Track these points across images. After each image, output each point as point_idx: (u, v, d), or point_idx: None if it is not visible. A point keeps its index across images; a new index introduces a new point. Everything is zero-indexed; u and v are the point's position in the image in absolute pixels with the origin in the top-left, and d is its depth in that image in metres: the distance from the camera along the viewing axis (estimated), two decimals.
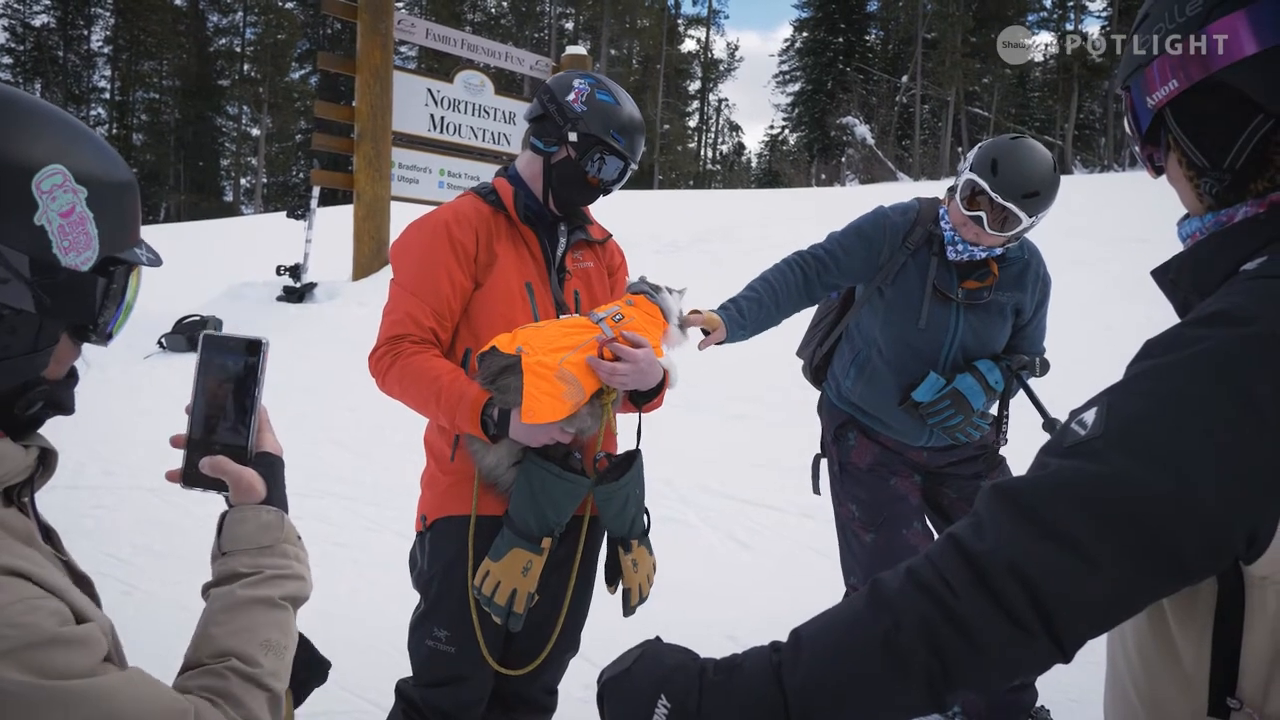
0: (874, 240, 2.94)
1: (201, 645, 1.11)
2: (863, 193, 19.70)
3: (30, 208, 0.97)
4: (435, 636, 2.29)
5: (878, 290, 2.94)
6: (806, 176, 37.71)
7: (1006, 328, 2.96)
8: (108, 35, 54.43)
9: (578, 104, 2.30)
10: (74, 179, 1.01)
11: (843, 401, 3.06)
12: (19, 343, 1.00)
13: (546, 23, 53.95)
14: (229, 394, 1.21)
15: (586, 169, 2.30)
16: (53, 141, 1.01)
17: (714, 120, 62.07)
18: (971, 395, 2.83)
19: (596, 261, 2.48)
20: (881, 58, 50.30)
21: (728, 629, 3.79)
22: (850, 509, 3.00)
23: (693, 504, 5.17)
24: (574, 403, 2.11)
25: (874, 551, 2.91)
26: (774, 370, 7.43)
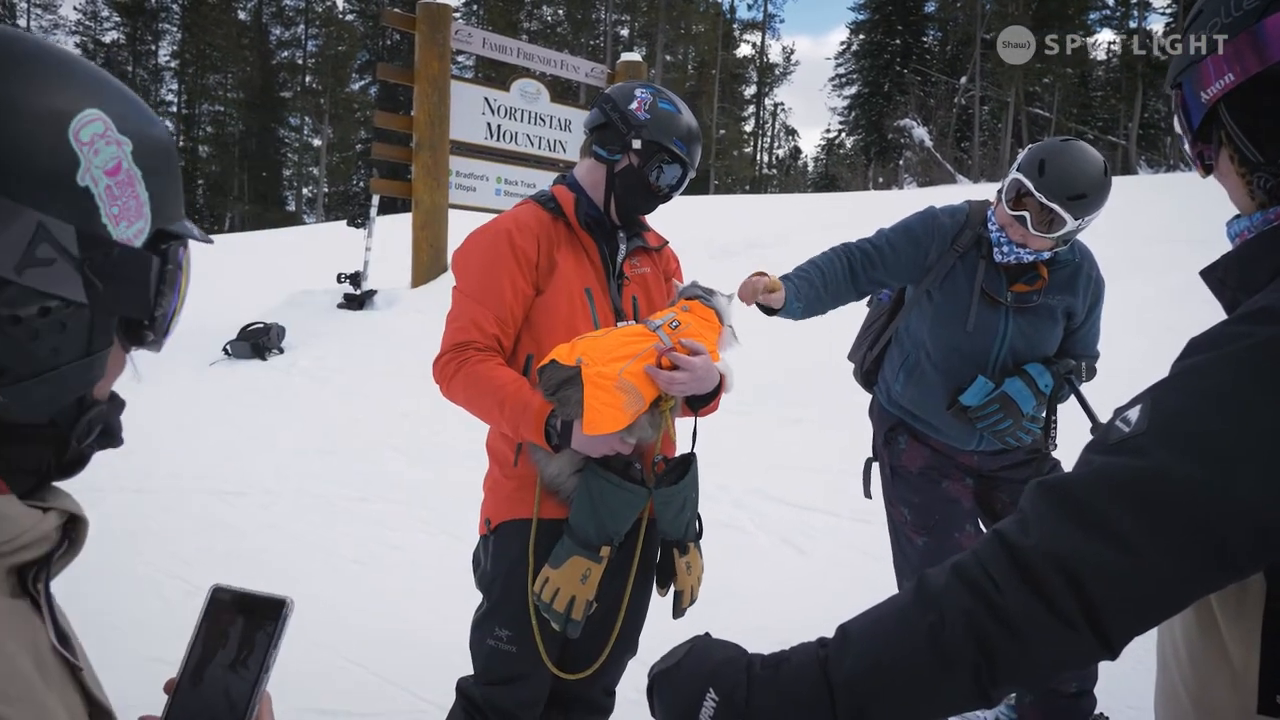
0: (922, 240, 2.93)
1: None
2: (921, 196, 19.51)
3: (72, 163, 0.76)
4: (497, 636, 2.33)
5: (926, 293, 2.92)
6: (863, 180, 37.43)
7: (1058, 331, 2.93)
8: (175, 50, 55.80)
9: (641, 112, 2.33)
10: (115, 128, 0.80)
11: (893, 405, 3.05)
12: (70, 345, 0.78)
13: (602, 30, 54.16)
14: (231, 659, 0.94)
15: (649, 176, 2.34)
16: (84, 85, 0.80)
17: (770, 125, 61.89)
18: (1020, 399, 2.80)
19: (653, 267, 2.52)
20: (939, 59, 49.74)
21: (782, 634, 3.77)
22: (902, 512, 2.99)
23: (747, 509, 5.17)
24: (634, 412, 2.14)
25: (926, 554, 2.89)
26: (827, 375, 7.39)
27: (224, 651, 0.93)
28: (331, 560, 4.74)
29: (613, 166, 2.37)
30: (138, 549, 4.62)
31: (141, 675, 3.44)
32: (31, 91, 0.75)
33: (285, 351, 9.17)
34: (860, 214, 14.80)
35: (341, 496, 5.66)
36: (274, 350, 9.11)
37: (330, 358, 8.86)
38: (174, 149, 0.90)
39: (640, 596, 2.46)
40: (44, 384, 0.78)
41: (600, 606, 2.28)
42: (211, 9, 54.39)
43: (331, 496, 5.65)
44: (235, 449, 6.53)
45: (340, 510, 5.46)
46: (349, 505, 5.53)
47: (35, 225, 0.73)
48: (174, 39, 55.87)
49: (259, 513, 5.44)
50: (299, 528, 5.18)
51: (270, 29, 57.44)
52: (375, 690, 3.43)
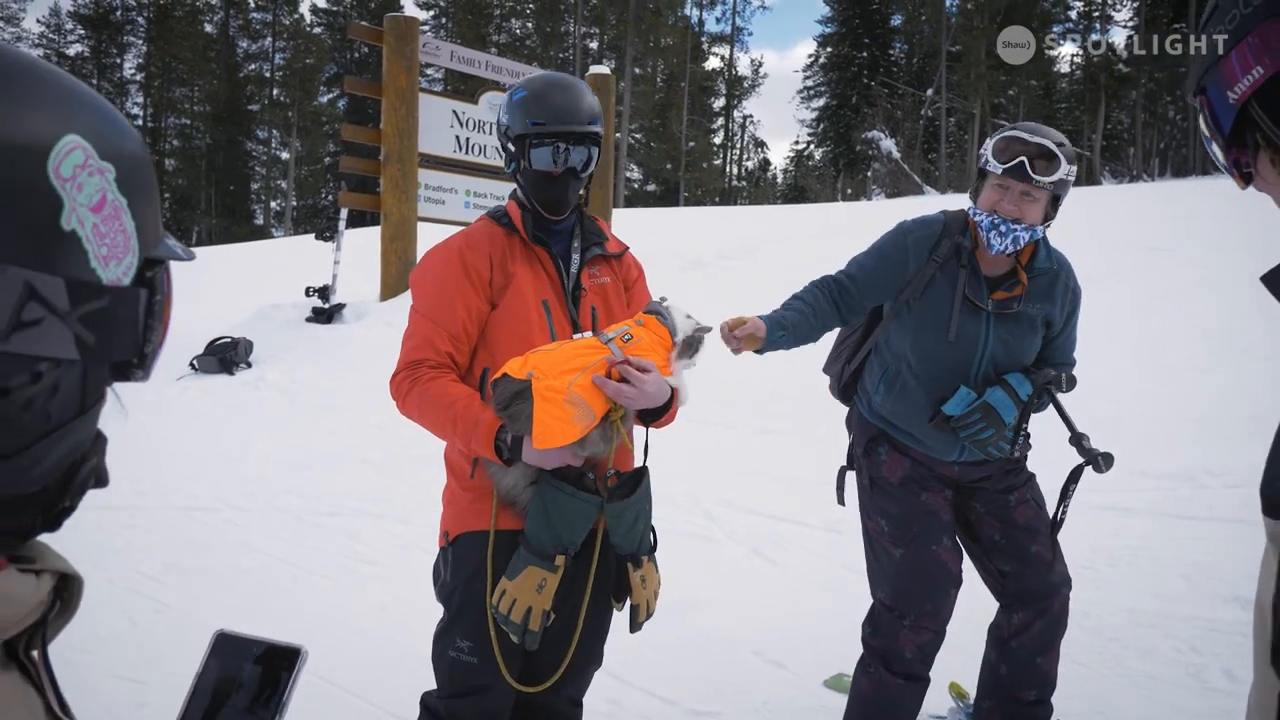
0: (895, 259, 2.92)
1: None
2: (889, 207, 19.66)
3: (55, 206, 0.66)
4: (458, 648, 2.33)
5: (905, 305, 2.91)
6: (832, 192, 37.67)
7: (1037, 340, 2.93)
8: (140, 63, 55.39)
9: (504, 117, 2.38)
10: (96, 154, 0.70)
11: (873, 416, 3.02)
12: (64, 407, 0.70)
13: (571, 43, 54.26)
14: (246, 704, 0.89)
15: (533, 165, 2.34)
16: (56, 102, 0.69)
17: (739, 137, 62.19)
18: (1003, 409, 2.81)
19: (613, 276, 2.51)
20: (906, 71, 50.22)
21: (753, 644, 3.80)
22: (879, 523, 2.96)
23: (718, 519, 5.18)
24: (584, 425, 2.14)
25: (903, 566, 2.88)
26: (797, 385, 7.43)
27: (238, 696, 0.88)
28: (303, 576, 4.70)
29: (518, 177, 2.41)
30: (104, 566, 4.56)
31: (108, 694, 3.41)
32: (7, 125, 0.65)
33: (253, 366, 9.10)
34: (829, 225, 14.90)
35: (312, 511, 5.61)
36: (242, 365, 9.04)
37: (299, 371, 8.80)
38: (149, 160, 0.78)
39: (600, 607, 2.46)
40: (38, 456, 0.70)
41: (559, 617, 2.29)
42: (177, 22, 54.05)
43: (301, 511, 5.61)
44: (203, 465, 6.47)
45: (310, 525, 5.42)
46: (320, 520, 5.49)
47: (22, 284, 0.64)
48: (139, 52, 55.45)
49: (228, 529, 5.39)
50: (269, 543, 5.14)
51: (237, 42, 57.10)
52: (350, 707, 3.41)
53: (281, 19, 57.08)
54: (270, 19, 57.10)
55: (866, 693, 2.93)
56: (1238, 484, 5.14)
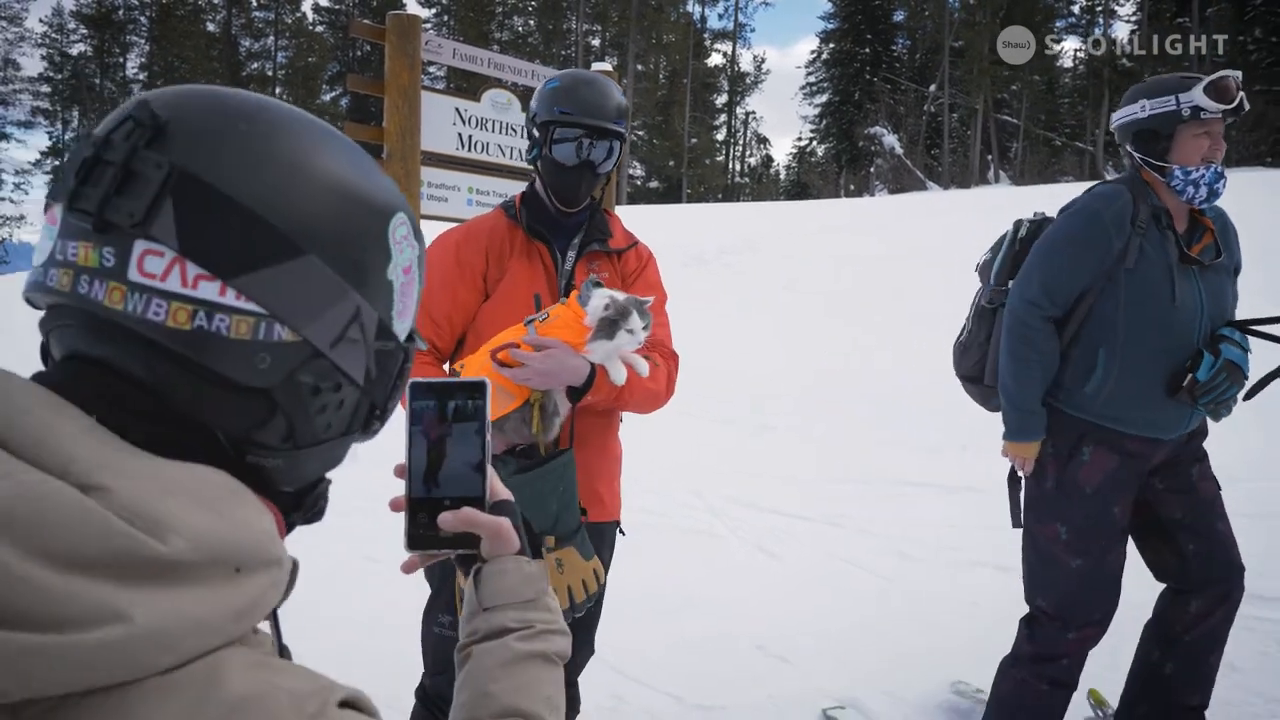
0: (1098, 242, 2.69)
1: (481, 704, 1.00)
2: (892, 203, 19.64)
3: (386, 257, 0.82)
4: (440, 623, 2.35)
5: (1109, 283, 2.70)
6: (835, 188, 37.66)
7: (1234, 287, 2.79)
8: (143, 62, 55.32)
9: (534, 104, 2.40)
10: (412, 231, 0.87)
11: (1082, 410, 2.75)
12: (339, 423, 0.84)
13: (573, 40, 54.21)
14: (452, 443, 1.10)
15: (555, 154, 2.35)
16: (392, 185, 0.86)
17: (742, 133, 62.13)
18: (1242, 364, 2.65)
19: (612, 272, 2.50)
20: (909, 67, 50.16)
21: (757, 639, 3.80)
22: (1056, 529, 2.75)
23: (721, 515, 5.19)
24: (501, 409, 2.13)
25: (1078, 578, 2.71)
26: (795, 384, 7.44)
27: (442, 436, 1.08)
28: (303, 575, 4.70)
29: (537, 165, 2.42)
30: None
31: None
32: (372, 186, 0.82)
33: None
34: (831, 222, 14.89)
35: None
36: None
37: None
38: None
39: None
40: (312, 456, 0.83)
41: None
42: (180, 21, 54.03)
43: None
44: None
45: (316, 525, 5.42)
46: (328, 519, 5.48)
47: (355, 308, 0.79)
48: (142, 51, 55.40)
49: None
50: None
51: (239, 41, 57.10)
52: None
53: (284, 17, 57.05)
54: (272, 17, 57.07)
55: (1005, 696, 2.84)
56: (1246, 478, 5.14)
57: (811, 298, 9.73)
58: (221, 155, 0.74)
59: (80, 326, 0.73)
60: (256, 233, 0.73)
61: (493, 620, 1.06)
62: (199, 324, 0.72)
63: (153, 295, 0.71)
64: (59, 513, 0.60)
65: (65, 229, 0.73)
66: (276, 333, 0.74)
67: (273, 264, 0.74)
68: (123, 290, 0.71)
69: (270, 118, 0.78)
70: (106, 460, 0.65)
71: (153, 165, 0.71)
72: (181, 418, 0.73)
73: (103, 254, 0.71)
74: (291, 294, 0.75)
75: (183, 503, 0.66)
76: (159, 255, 0.71)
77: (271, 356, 0.75)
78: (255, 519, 0.73)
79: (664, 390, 2.42)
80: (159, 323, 0.71)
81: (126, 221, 0.70)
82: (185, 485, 0.68)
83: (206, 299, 0.72)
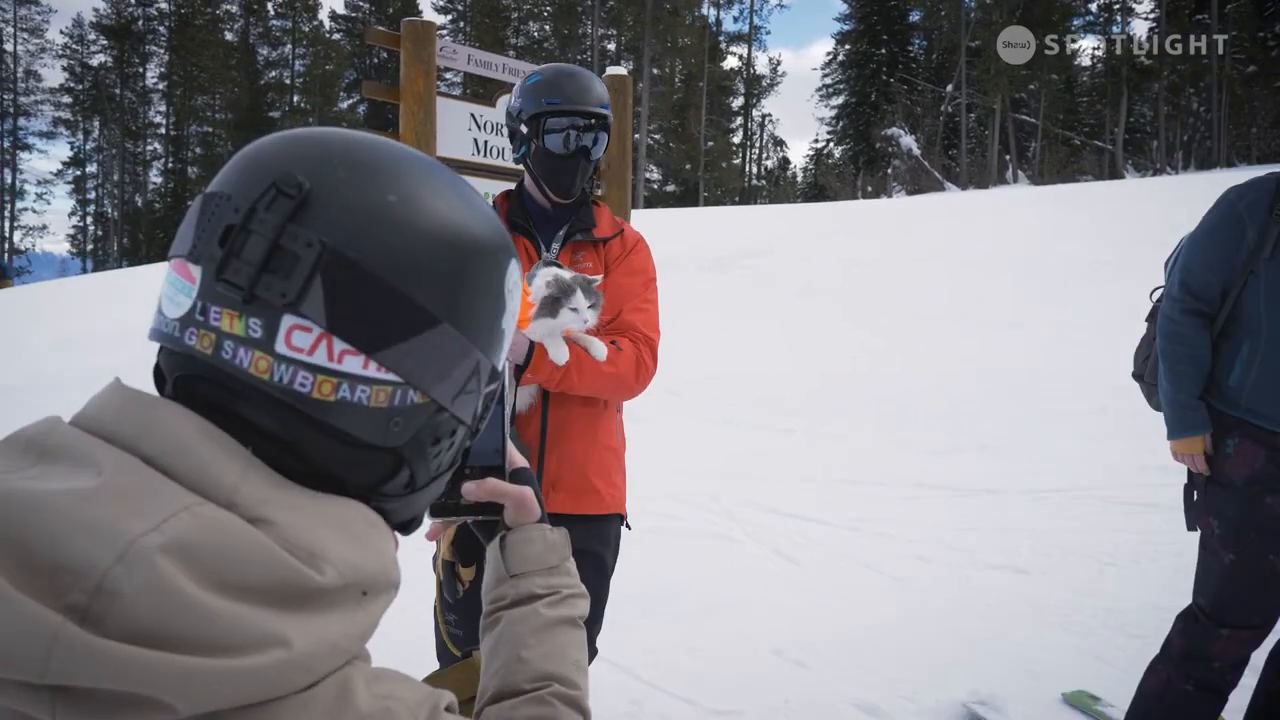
0: (1231, 231, 2.64)
1: (516, 670, 1.05)
2: (910, 204, 19.57)
3: (500, 308, 0.84)
4: (449, 620, 2.38)
5: (1252, 273, 2.62)
6: (853, 189, 37.56)
7: None
8: (162, 72, 55.84)
9: (516, 102, 2.46)
10: (518, 278, 0.88)
11: (1227, 403, 2.70)
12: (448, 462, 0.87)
13: (589, 44, 54.29)
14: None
15: (546, 144, 2.40)
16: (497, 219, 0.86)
17: (758, 136, 62.07)
18: None
19: (596, 259, 2.50)
20: (925, 68, 50.03)
21: (774, 644, 3.78)
22: (1211, 523, 2.70)
23: (738, 519, 5.17)
24: None
25: (1232, 574, 2.64)
26: (816, 385, 7.41)
27: None
28: None
29: (527, 161, 2.46)
30: None
31: None
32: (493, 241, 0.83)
33: None
34: (849, 223, 14.85)
35: None
36: None
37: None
38: None
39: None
40: (425, 495, 0.86)
41: None
42: (198, 31, 54.48)
43: None
44: None
45: None
46: None
47: (475, 364, 0.81)
48: (161, 61, 55.90)
49: None
50: None
51: (257, 49, 57.49)
52: None
53: (301, 26, 57.44)
54: (290, 26, 57.46)
55: (1148, 691, 2.78)
56: None
57: (828, 300, 9.70)
58: (370, 232, 0.75)
59: (215, 383, 0.75)
60: (401, 309, 0.75)
61: (520, 587, 1.10)
62: (342, 395, 0.74)
63: (299, 368, 0.73)
64: (233, 544, 0.63)
65: (207, 292, 0.74)
66: (410, 397, 0.77)
67: (413, 336, 0.76)
68: (269, 361, 0.73)
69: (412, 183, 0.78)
70: (268, 494, 0.69)
71: (303, 244, 0.73)
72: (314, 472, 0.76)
73: (249, 324, 0.73)
74: (427, 361, 0.77)
75: (334, 535, 0.70)
76: (307, 331, 0.73)
77: (404, 419, 0.78)
78: (386, 548, 0.77)
79: (631, 375, 2.37)
80: (305, 394, 0.73)
81: (279, 301, 0.72)
82: (335, 519, 0.72)
83: (350, 372, 0.74)
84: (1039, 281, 9.63)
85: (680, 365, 8.00)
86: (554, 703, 1.02)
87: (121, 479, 0.65)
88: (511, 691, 1.04)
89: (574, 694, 1.04)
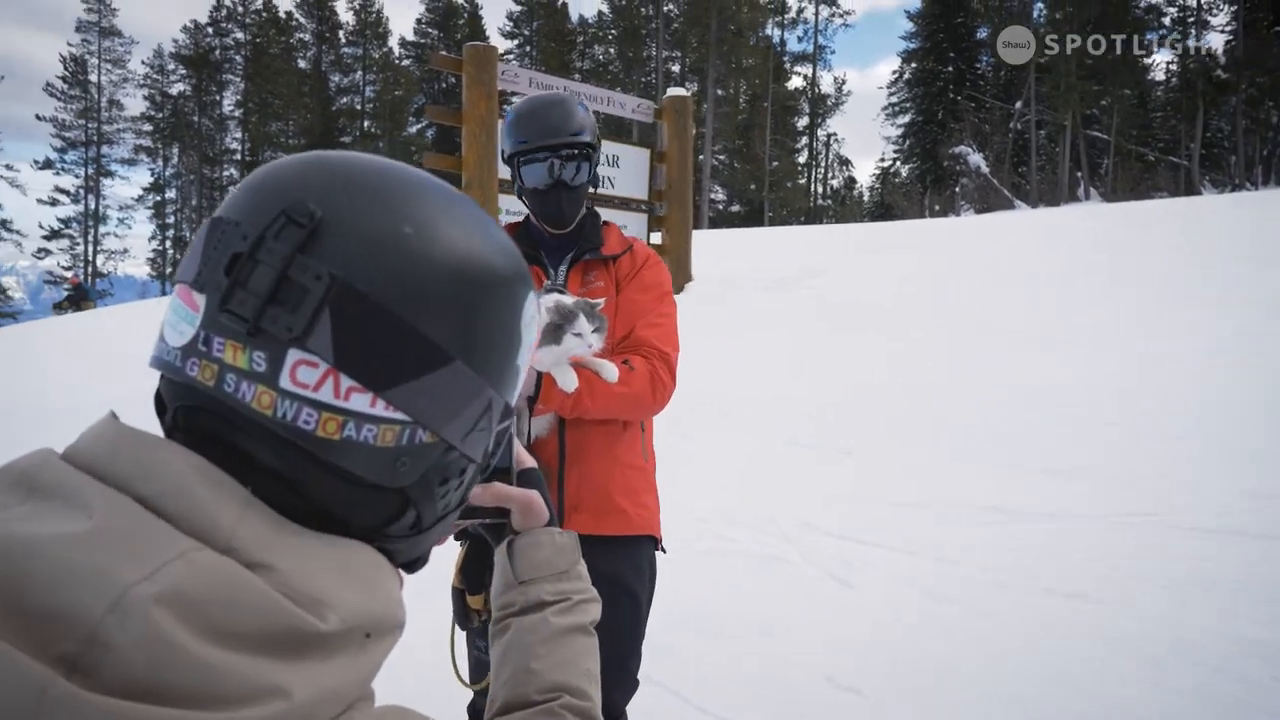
0: None
1: (525, 681, 1.03)
2: (978, 222, 19.29)
3: (516, 345, 0.81)
4: (479, 646, 2.39)
5: None
6: (920, 208, 37.15)
7: None
8: (238, 99, 57.47)
9: (502, 143, 2.49)
10: (535, 309, 0.85)
11: None
12: (456, 501, 0.85)
13: (653, 67, 54.59)
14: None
15: (527, 183, 2.42)
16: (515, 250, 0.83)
17: (823, 155, 61.78)
18: None
19: (607, 277, 2.48)
20: (993, 84, 49.39)
21: (827, 670, 3.70)
22: None
23: (794, 541, 5.09)
24: None
25: None
26: (879, 404, 7.29)
27: None
28: None
29: (522, 198, 2.48)
30: None
31: None
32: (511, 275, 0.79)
33: None
34: (914, 241, 14.67)
35: None
36: None
37: None
38: None
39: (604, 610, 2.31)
40: (432, 534, 0.84)
41: None
42: (273, 59, 56.00)
43: None
44: None
45: None
46: None
47: (488, 402, 0.79)
48: (237, 89, 57.59)
49: None
50: None
51: (329, 76, 58.85)
52: None
53: (371, 53, 58.70)
54: (360, 53, 58.76)
55: None
56: None
57: (891, 320, 9.56)
58: (382, 264, 0.72)
59: (216, 416, 0.72)
60: (412, 345, 0.72)
61: (529, 593, 1.08)
62: (348, 434, 0.71)
63: (304, 404, 0.70)
64: (230, 592, 0.61)
65: (210, 322, 0.71)
66: (419, 437, 0.75)
67: (424, 374, 0.73)
68: (273, 396, 0.70)
69: (428, 214, 0.75)
70: (268, 538, 0.66)
71: (312, 276, 0.70)
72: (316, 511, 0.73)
73: (253, 357, 0.70)
74: (438, 400, 0.74)
75: (337, 579, 0.68)
76: (313, 366, 0.70)
77: (411, 459, 0.75)
78: (392, 589, 0.75)
79: (647, 393, 2.32)
80: (309, 432, 0.70)
81: (285, 335, 0.69)
82: (338, 562, 0.70)
83: (357, 410, 0.71)
84: (1114, 300, 9.39)
85: (739, 385, 7.93)
86: (565, 715, 1.00)
87: (114, 522, 0.62)
88: (521, 703, 1.01)
89: (585, 705, 1.01)
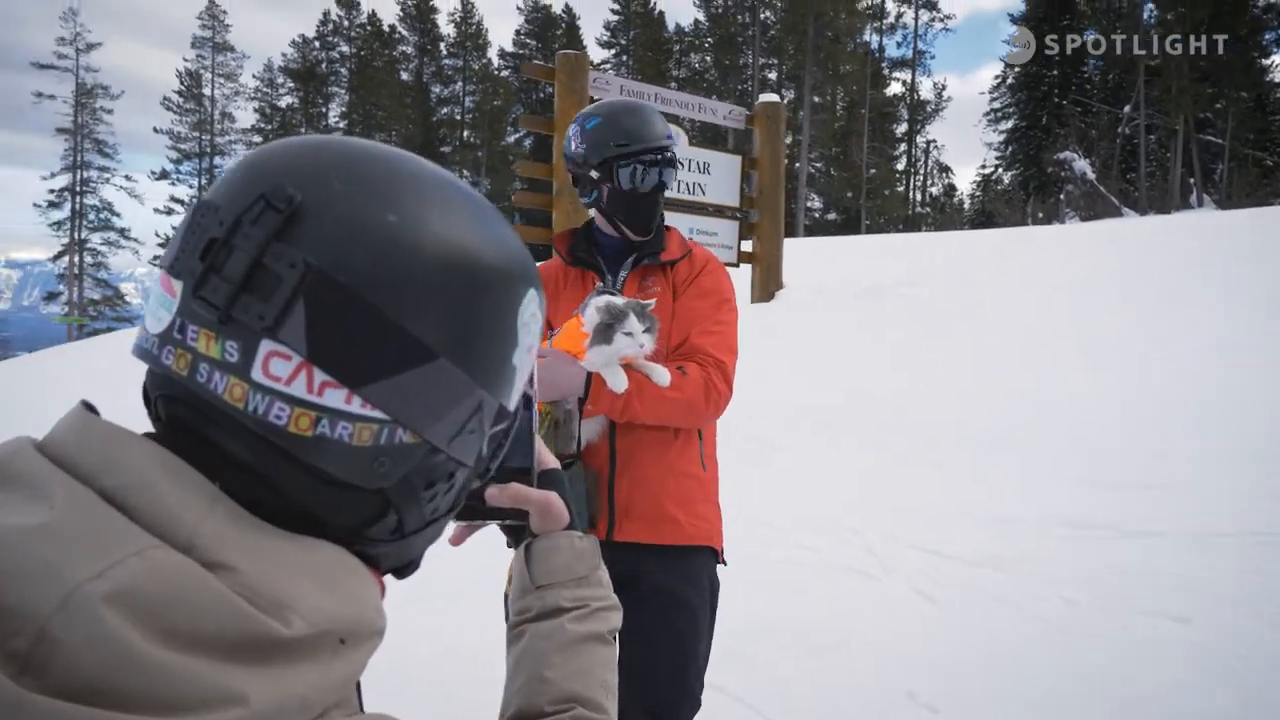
0: None
1: (538, 690, 0.99)
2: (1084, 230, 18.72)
3: (512, 344, 0.77)
4: None
5: None
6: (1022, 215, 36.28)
7: None
8: (343, 111, 59.18)
9: (579, 148, 2.44)
10: (539, 303, 0.82)
11: None
12: (446, 505, 0.81)
13: (749, 74, 54.43)
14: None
15: (624, 186, 2.39)
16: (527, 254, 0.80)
17: (923, 162, 60.76)
18: None
19: (665, 283, 2.45)
20: (1100, 88, 47.95)
21: (907, 686, 3.61)
22: None
23: (877, 554, 4.98)
24: None
25: None
26: (973, 415, 7.11)
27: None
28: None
29: (599, 204, 2.45)
30: None
31: None
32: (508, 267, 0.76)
33: None
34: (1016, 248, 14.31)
35: None
36: None
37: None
38: None
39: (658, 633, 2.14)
40: (419, 539, 0.80)
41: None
42: (377, 71, 57.51)
43: None
44: None
45: None
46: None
47: (478, 403, 0.75)
48: (342, 101, 59.35)
49: None
50: None
51: (430, 88, 60.15)
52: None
53: (471, 64, 59.81)
54: (461, 64, 59.91)
55: None
56: None
57: (988, 330, 9.33)
58: (363, 253, 0.68)
59: (190, 406, 0.70)
60: (390, 339, 0.69)
61: (546, 599, 1.05)
62: (321, 431, 0.68)
63: (276, 398, 0.67)
64: (184, 593, 0.59)
65: (185, 310, 0.69)
66: (399, 437, 0.71)
67: (403, 371, 0.69)
68: (244, 388, 0.67)
69: (418, 201, 0.71)
70: (232, 536, 0.64)
71: (286, 264, 0.67)
72: (290, 508, 0.70)
73: (225, 347, 0.67)
74: (419, 399, 0.71)
75: (304, 582, 0.65)
76: (286, 359, 0.67)
77: (391, 460, 0.71)
78: (367, 593, 0.71)
79: (700, 400, 2.27)
80: (280, 427, 0.68)
81: (256, 324, 0.67)
82: (306, 564, 0.67)
83: (331, 407, 0.68)
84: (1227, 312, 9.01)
85: (829, 394, 7.81)
86: None
87: (72, 515, 0.60)
88: (533, 713, 0.97)
89: (599, 718, 0.97)
